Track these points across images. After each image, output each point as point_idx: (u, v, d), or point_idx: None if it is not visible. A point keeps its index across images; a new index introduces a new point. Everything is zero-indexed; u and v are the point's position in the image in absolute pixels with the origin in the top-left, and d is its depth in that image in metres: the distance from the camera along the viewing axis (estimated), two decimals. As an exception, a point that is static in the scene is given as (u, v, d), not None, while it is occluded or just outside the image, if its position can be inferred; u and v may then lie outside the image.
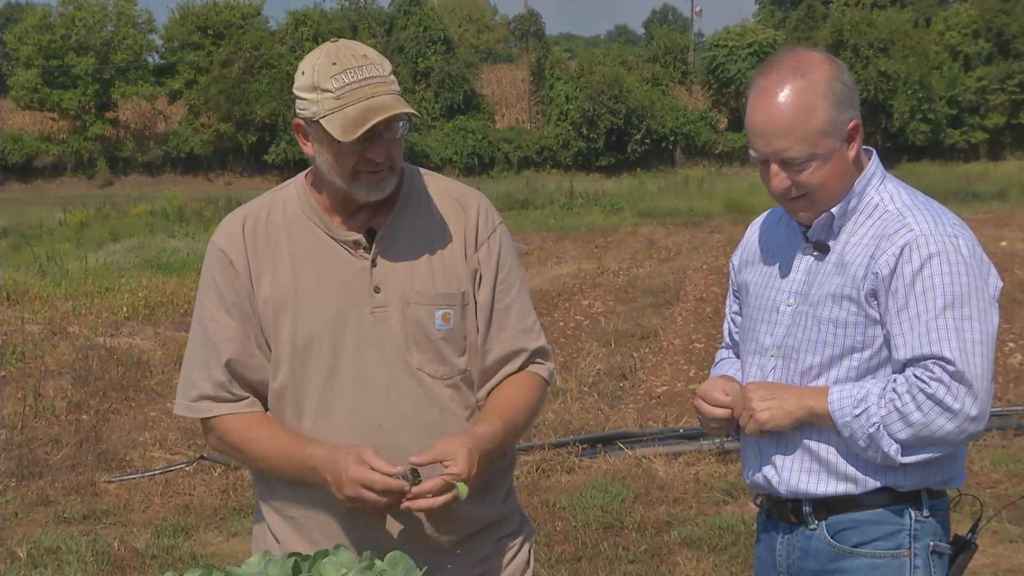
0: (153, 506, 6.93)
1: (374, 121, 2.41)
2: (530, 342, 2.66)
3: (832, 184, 2.50)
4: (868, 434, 2.41)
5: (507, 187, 40.61)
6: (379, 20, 60.52)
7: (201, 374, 2.55)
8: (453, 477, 2.38)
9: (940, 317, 2.38)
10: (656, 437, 7.69)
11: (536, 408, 2.66)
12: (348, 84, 2.43)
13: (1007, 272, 15.86)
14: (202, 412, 2.56)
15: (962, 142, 56.85)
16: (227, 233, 2.58)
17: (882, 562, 2.50)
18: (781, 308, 2.58)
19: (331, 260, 2.54)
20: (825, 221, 2.54)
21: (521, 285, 2.70)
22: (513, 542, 2.66)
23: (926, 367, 2.38)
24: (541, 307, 14.43)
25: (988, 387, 2.40)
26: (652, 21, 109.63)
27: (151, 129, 59.38)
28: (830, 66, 2.49)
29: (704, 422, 2.65)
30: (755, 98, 2.49)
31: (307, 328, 2.51)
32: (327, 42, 2.53)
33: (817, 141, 2.46)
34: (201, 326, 2.58)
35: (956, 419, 2.36)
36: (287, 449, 2.49)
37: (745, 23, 62.76)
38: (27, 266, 17.96)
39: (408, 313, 2.53)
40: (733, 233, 24.20)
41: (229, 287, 2.54)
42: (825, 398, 2.45)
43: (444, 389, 2.55)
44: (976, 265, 2.42)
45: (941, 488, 2.55)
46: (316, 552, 2.21)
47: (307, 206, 2.58)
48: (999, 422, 7.80)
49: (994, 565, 5.59)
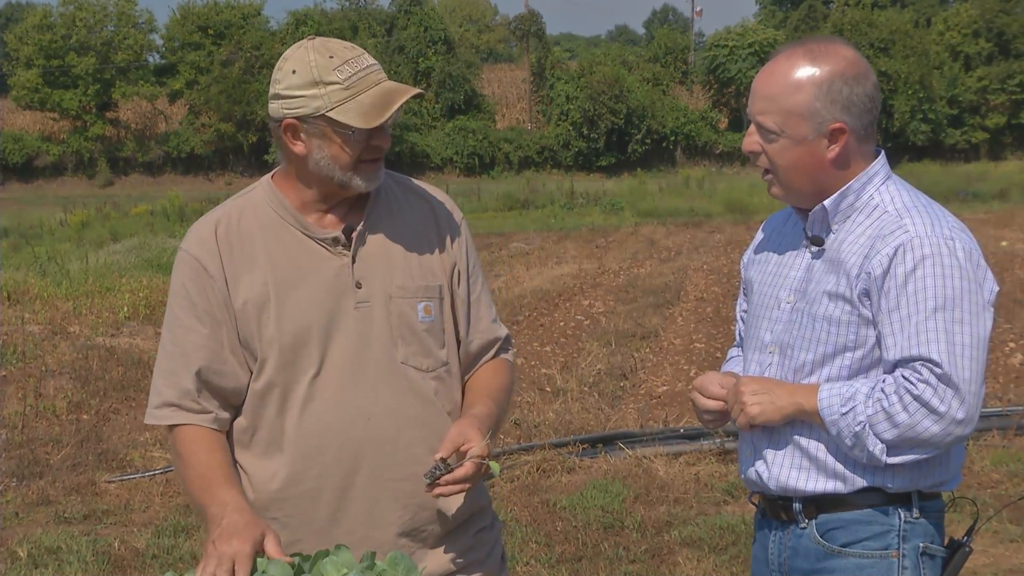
0: (153, 506, 6.93)
1: (397, 104, 2.46)
2: (500, 331, 2.76)
3: (798, 172, 2.51)
4: (854, 432, 2.40)
5: (508, 187, 40.65)
6: (379, 20, 60.57)
7: (167, 382, 2.55)
8: (480, 458, 2.44)
9: (930, 319, 2.37)
10: (657, 437, 7.68)
11: (512, 390, 2.78)
12: (355, 74, 2.46)
13: (1007, 272, 15.87)
14: (163, 419, 2.56)
15: (963, 142, 56.92)
16: (199, 239, 2.57)
17: (869, 562, 2.50)
18: (781, 305, 2.59)
19: (310, 259, 2.55)
20: (819, 215, 2.54)
21: (483, 277, 2.79)
22: (489, 536, 2.71)
23: (914, 368, 2.38)
24: (542, 307, 14.44)
25: (977, 391, 2.38)
26: (652, 21, 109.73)
27: (152, 129, 59.45)
28: (844, 66, 2.48)
29: (699, 414, 2.68)
30: (767, 63, 2.58)
31: (293, 326, 2.52)
32: (303, 41, 2.53)
33: (790, 120, 2.48)
34: (171, 334, 2.58)
35: (942, 421, 2.35)
36: (207, 477, 2.47)
37: (746, 23, 62.82)
38: (27, 266, 17.97)
39: (391, 307, 2.56)
40: (733, 233, 24.22)
41: (200, 294, 2.54)
42: (815, 395, 2.46)
43: (429, 382, 2.58)
44: (971, 269, 2.41)
45: (933, 491, 2.54)
46: (316, 552, 2.22)
47: (279, 207, 2.58)
48: (999, 422, 7.79)
49: (994, 565, 5.59)
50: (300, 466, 2.51)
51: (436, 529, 2.59)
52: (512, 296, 15.27)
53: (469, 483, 2.45)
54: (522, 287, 16.29)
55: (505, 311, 13.73)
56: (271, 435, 2.54)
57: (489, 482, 7.73)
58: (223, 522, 2.35)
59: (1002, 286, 17.24)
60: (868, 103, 2.50)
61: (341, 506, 2.52)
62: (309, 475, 2.51)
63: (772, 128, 2.50)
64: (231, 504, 2.40)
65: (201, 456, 2.51)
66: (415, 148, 54.83)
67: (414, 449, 2.53)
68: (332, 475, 2.52)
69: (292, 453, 2.52)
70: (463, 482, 2.44)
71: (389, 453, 2.52)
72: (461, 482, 2.44)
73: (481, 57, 70.03)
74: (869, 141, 2.55)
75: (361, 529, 2.51)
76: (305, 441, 2.52)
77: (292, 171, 2.58)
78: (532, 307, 14.39)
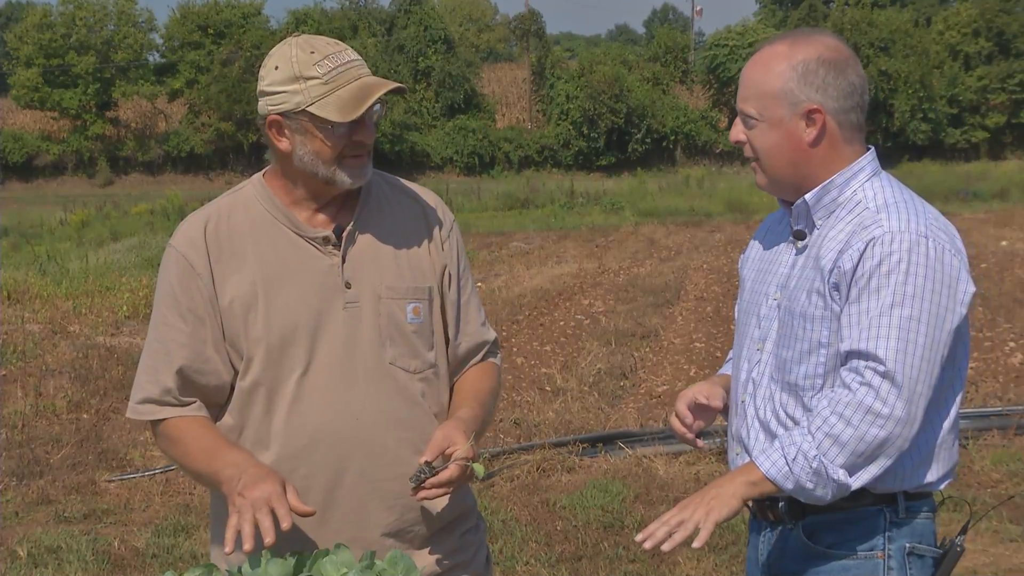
0: (153, 505, 6.93)
1: (374, 98, 2.45)
2: (489, 334, 2.75)
3: (779, 156, 2.51)
4: (812, 471, 2.35)
5: (508, 186, 40.65)
6: (379, 19, 60.56)
7: (149, 378, 2.56)
8: (465, 460, 2.44)
9: (885, 315, 2.34)
10: (657, 436, 7.69)
11: (498, 394, 2.78)
12: (334, 68, 2.46)
13: (1007, 272, 15.86)
14: (145, 415, 2.56)
15: (963, 141, 56.90)
16: (187, 237, 2.57)
17: (854, 563, 2.48)
18: (769, 301, 2.59)
19: (301, 257, 2.55)
20: (801, 208, 2.54)
21: (473, 280, 2.79)
22: (474, 538, 2.72)
23: (856, 369, 2.35)
24: (542, 306, 14.44)
25: (924, 391, 2.34)
26: (653, 20, 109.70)
27: (152, 128, 59.43)
28: (822, 50, 2.48)
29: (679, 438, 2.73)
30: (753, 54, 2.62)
31: (281, 324, 2.52)
32: (288, 38, 2.53)
33: (767, 103, 2.49)
34: (155, 331, 2.58)
35: (888, 424, 2.32)
36: (211, 447, 2.49)
37: (746, 22, 62.89)
38: (28, 265, 17.98)
39: (380, 308, 2.56)
40: (734, 232, 24.22)
41: (185, 291, 2.54)
42: (755, 466, 2.41)
43: (416, 384, 2.58)
44: (939, 268, 2.37)
45: (921, 492, 2.51)
46: (316, 552, 2.22)
47: (270, 205, 2.58)
48: (999, 422, 7.78)
49: (994, 565, 5.59)
50: (288, 465, 2.50)
51: (422, 530, 2.59)
52: (512, 295, 15.27)
53: (454, 486, 2.46)
54: (522, 286, 16.29)
55: (505, 311, 13.73)
56: (258, 434, 2.54)
57: (489, 482, 7.70)
58: (244, 476, 2.36)
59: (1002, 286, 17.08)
60: (848, 89, 2.48)
61: (328, 506, 2.51)
62: (297, 474, 2.49)
63: (751, 113, 2.52)
64: (246, 461, 2.42)
65: (197, 432, 2.53)
66: (415, 148, 54.82)
67: (401, 450, 2.53)
68: (320, 475, 2.52)
69: (279, 452, 2.52)
70: (448, 485, 2.44)
71: (377, 454, 2.52)
72: (446, 485, 2.44)
73: (481, 56, 69.98)
74: (855, 133, 2.52)
75: (348, 529, 2.51)
76: (293, 440, 2.52)
77: (280, 169, 2.58)
78: (532, 306, 14.38)
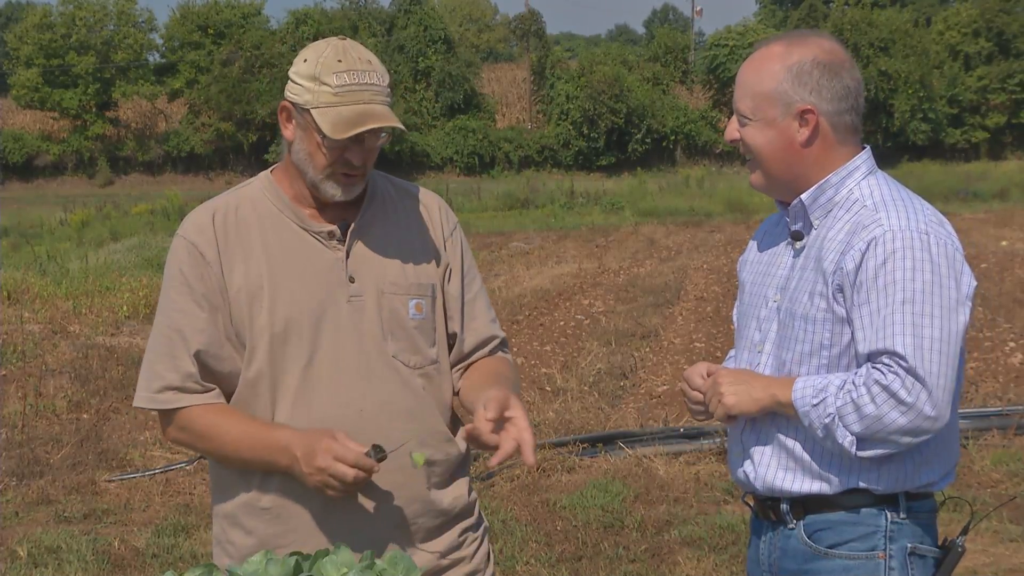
0: (153, 505, 6.93)
1: (364, 128, 2.47)
2: (498, 331, 2.77)
3: (773, 155, 2.52)
4: (824, 424, 2.40)
5: (508, 186, 40.63)
6: (379, 19, 60.53)
7: (166, 365, 2.55)
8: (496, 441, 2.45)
9: (897, 312, 2.36)
10: (657, 436, 7.69)
11: (519, 385, 2.78)
12: (348, 85, 2.48)
13: (1007, 272, 15.86)
14: (168, 403, 2.56)
15: (963, 141, 56.88)
16: (196, 225, 2.59)
17: (855, 564, 2.49)
18: (768, 303, 2.60)
19: (305, 250, 2.58)
20: (798, 208, 2.55)
21: (480, 279, 2.80)
22: (475, 535, 2.73)
23: (883, 361, 2.36)
24: (542, 306, 14.44)
25: (946, 385, 2.35)
26: (653, 20, 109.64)
27: (152, 128, 59.42)
28: (818, 52, 2.50)
29: (687, 405, 2.69)
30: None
31: (285, 315, 2.53)
32: (336, 37, 2.57)
33: (760, 102, 2.51)
34: (167, 318, 2.58)
35: (909, 413, 2.33)
36: (255, 432, 2.50)
37: (746, 22, 62.89)
38: (27, 265, 17.98)
39: (383, 302, 2.58)
40: (734, 233, 24.22)
41: (198, 279, 2.55)
42: (790, 387, 2.46)
43: (417, 379, 2.60)
44: (944, 263, 2.39)
45: (922, 491, 2.52)
46: (317, 551, 2.22)
47: (277, 199, 2.61)
48: (999, 421, 7.78)
49: (994, 565, 5.59)
50: None
51: (425, 523, 2.60)
52: (512, 295, 15.27)
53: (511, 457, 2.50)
54: (522, 286, 16.29)
55: (505, 311, 13.73)
56: None
57: (489, 482, 7.70)
58: (299, 451, 2.41)
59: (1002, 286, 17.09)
60: (842, 91, 2.49)
61: (333, 498, 2.51)
62: None
63: (745, 112, 2.54)
64: (291, 434, 2.45)
65: (230, 420, 2.53)
66: (415, 147, 54.78)
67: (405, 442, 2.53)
68: None
69: None
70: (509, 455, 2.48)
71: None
72: (502, 459, 2.47)
73: (481, 56, 70.00)
74: (849, 135, 2.53)
75: (353, 521, 2.52)
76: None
77: (288, 158, 2.61)
78: (532, 306, 14.39)
